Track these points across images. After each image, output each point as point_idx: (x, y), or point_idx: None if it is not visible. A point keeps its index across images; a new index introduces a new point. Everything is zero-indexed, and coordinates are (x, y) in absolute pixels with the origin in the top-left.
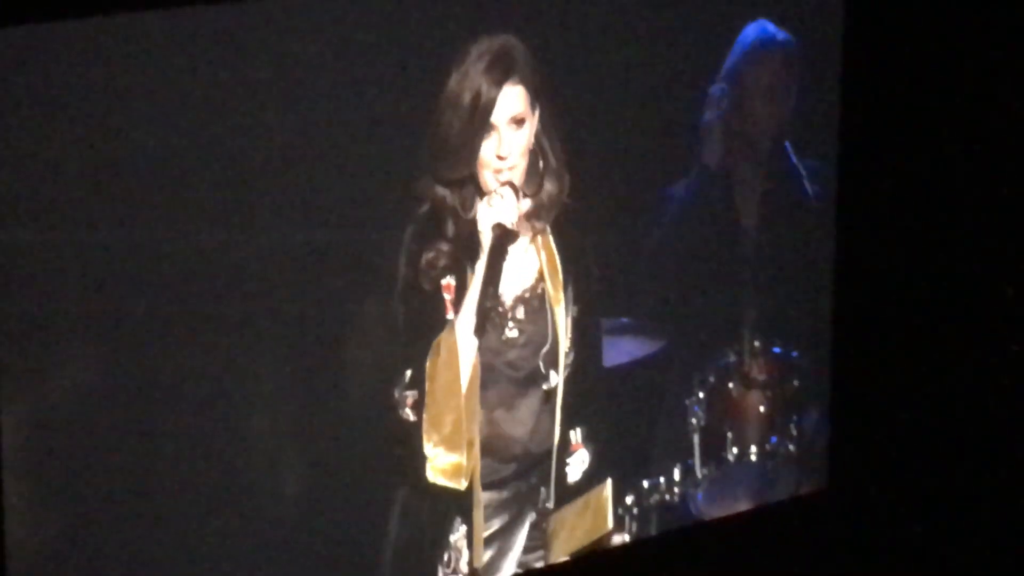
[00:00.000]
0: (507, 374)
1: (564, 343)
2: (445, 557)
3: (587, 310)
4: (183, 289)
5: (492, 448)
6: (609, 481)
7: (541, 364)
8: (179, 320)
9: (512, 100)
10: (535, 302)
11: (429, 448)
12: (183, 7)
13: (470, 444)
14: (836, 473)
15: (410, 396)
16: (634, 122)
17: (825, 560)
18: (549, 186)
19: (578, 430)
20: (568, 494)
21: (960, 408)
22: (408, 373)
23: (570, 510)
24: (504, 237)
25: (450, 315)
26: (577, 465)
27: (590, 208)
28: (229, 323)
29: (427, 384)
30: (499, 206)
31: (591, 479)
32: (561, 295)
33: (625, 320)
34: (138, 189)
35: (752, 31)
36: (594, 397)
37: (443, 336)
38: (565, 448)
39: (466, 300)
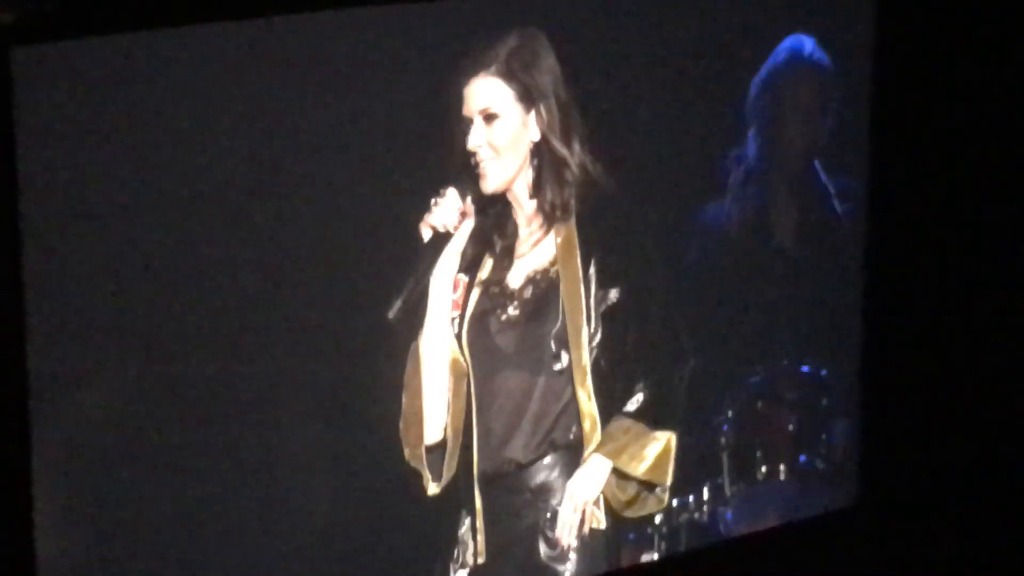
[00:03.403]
0: (510, 360)
1: (585, 324)
2: (455, 553)
3: (627, 290)
4: (216, 304)
5: (495, 437)
6: (673, 436)
7: (552, 343)
8: (211, 335)
9: (483, 92)
10: (544, 282)
11: (407, 453)
12: (224, 22)
13: (434, 448)
14: (866, 490)
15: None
16: (668, 133)
17: None
18: (551, 194)
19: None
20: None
21: (991, 426)
22: None
23: (628, 426)
24: (437, 239)
25: (454, 312)
26: (632, 404)
27: (620, 220)
28: (262, 336)
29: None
30: (436, 209)
31: (647, 414)
32: (578, 274)
33: None
34: (173, 205)
35: (788, 49)
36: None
37: (413, 345)
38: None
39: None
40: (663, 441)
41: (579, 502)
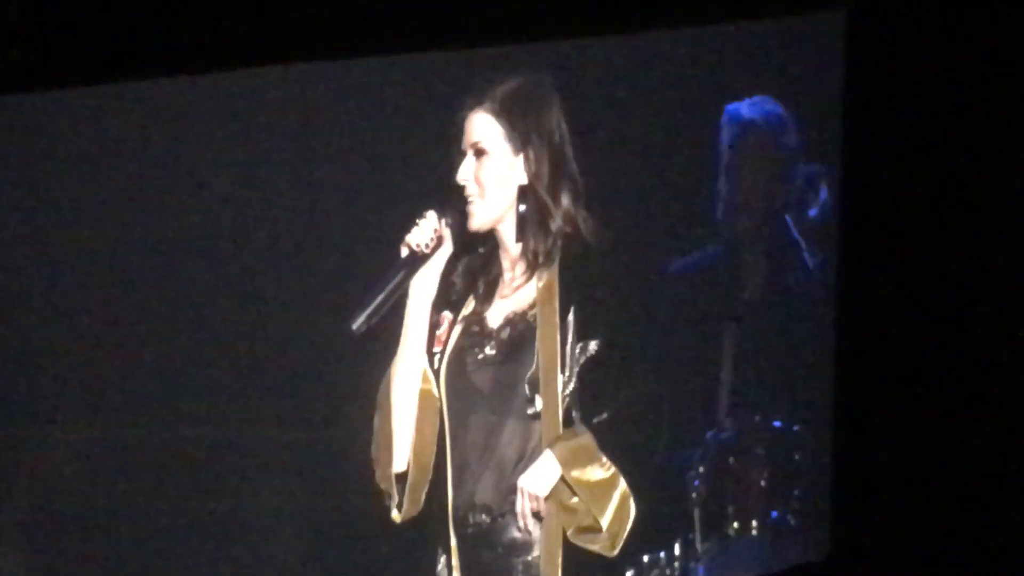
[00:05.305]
0: (485, 400)
1: (560, 373)
2: None
3: (605, 344)
4: (179, 354)
5: (468, 475)
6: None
7: (526, 387)
8: (175, 385)
9: (476, 127)
10: (522, 325)
11: (377, 473)
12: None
13: (401, 476)
14: (837, 545)
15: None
16: (654, 192)
17: None
18: (533, 241)
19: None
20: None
21: (962, 482)
22: None
23: (580, 431)
24: (413, 260)
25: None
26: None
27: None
28: (225, 384)
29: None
30: (415, 229)
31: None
32: (556, 321)
33: None
34: (140, 261)
35: (756, 111)
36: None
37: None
38: None
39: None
40: (610, 473)
41: (526, 493)
